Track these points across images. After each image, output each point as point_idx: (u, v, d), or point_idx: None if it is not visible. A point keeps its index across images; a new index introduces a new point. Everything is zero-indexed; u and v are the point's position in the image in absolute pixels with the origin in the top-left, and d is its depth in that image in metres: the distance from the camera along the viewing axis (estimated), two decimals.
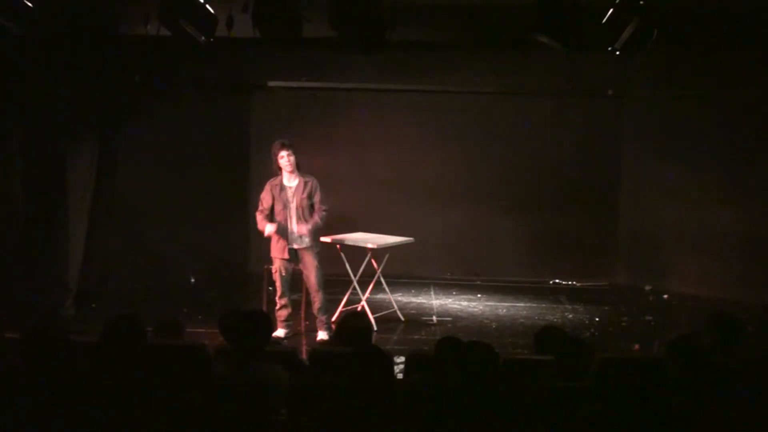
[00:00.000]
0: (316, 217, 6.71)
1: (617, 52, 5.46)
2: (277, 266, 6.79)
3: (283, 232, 6.70)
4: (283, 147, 6.68)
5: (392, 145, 9.50)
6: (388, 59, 8.29)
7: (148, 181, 8.66)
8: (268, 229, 6.65)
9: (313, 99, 9.11)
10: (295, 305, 7.00)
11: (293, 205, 6.69)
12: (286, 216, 6.70)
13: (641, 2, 5.27)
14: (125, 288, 8.22)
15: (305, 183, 6.72)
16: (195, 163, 8.93)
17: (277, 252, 6.76)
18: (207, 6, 5.56)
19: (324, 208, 6.74)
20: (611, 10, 5.34)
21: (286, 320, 6.87)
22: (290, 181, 6.73)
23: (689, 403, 3.25)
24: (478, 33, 6.80)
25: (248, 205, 7.33)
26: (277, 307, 6.86)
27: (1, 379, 3.47)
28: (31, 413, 3.25)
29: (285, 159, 6.64)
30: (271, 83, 9.20)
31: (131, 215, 8.60)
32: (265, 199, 6.75)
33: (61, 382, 3.36)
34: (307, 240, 6.72)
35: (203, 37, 5.60)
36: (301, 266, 6.83)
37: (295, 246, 6.75)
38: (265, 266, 7.10)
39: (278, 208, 6.71)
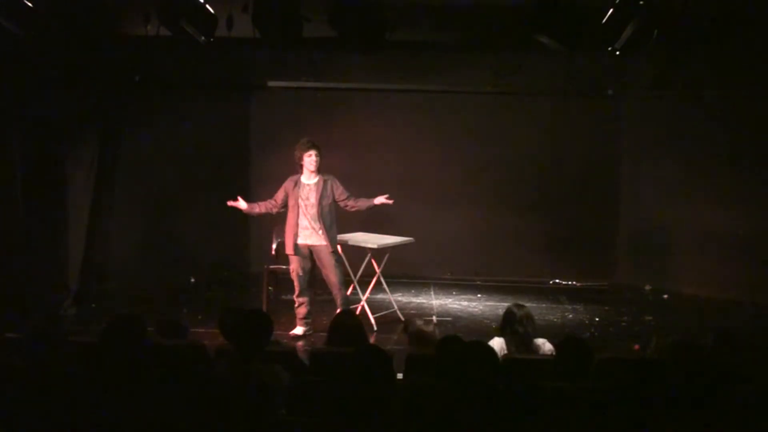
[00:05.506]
0: (363, 204, 6.88)
1: (617, 52, 5.47)
2: (294, 266, 6.81)
3: (292, 228, 6.74)
4: (313, 146, 6.75)
5: (392, 145, 9.49)
6: (388, 59, 8.29)
7: (148, 181, 8.66)
8: (240, 203, 6.80)
9: (317, 98, 9.13)
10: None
11: (308, 203, 6.74)
12: (297, 213, 6.75)
13: (641, 2, 5.28)
14: (125, 288, 8.21)
15: (324, 182, 6.79)
16: (195, 163, 8.94)
17: (288, 249, 6.81)
18: (207, 6, 5.57)
19: (353, 196, 6.88)
20: (611, 10, 5.35)
21: (304, 317, 6.88)
22: (309, 179, 6.80)
23: (689, 403, 3.25)
24: (478, 33, 6.81)
25: None
26: (296, 305, 6.88)
27: (1, 379, 3.47)
28: (31, 413, 3.25)
29: (312, 158, 6.71)
30: (271, 83, 9.19)
31: (131, 215, 8.60)
32: (279, 195, 6.85)
33: (61, 382, 3.36)
34: (322, 237, 6.73)
35: (203, 37, 5.61)
36: (319, 266, 6.86)
37: (308, 243, 6.77)
38: (266, 266, 7.08)
39: (291, 203, 6.79)
